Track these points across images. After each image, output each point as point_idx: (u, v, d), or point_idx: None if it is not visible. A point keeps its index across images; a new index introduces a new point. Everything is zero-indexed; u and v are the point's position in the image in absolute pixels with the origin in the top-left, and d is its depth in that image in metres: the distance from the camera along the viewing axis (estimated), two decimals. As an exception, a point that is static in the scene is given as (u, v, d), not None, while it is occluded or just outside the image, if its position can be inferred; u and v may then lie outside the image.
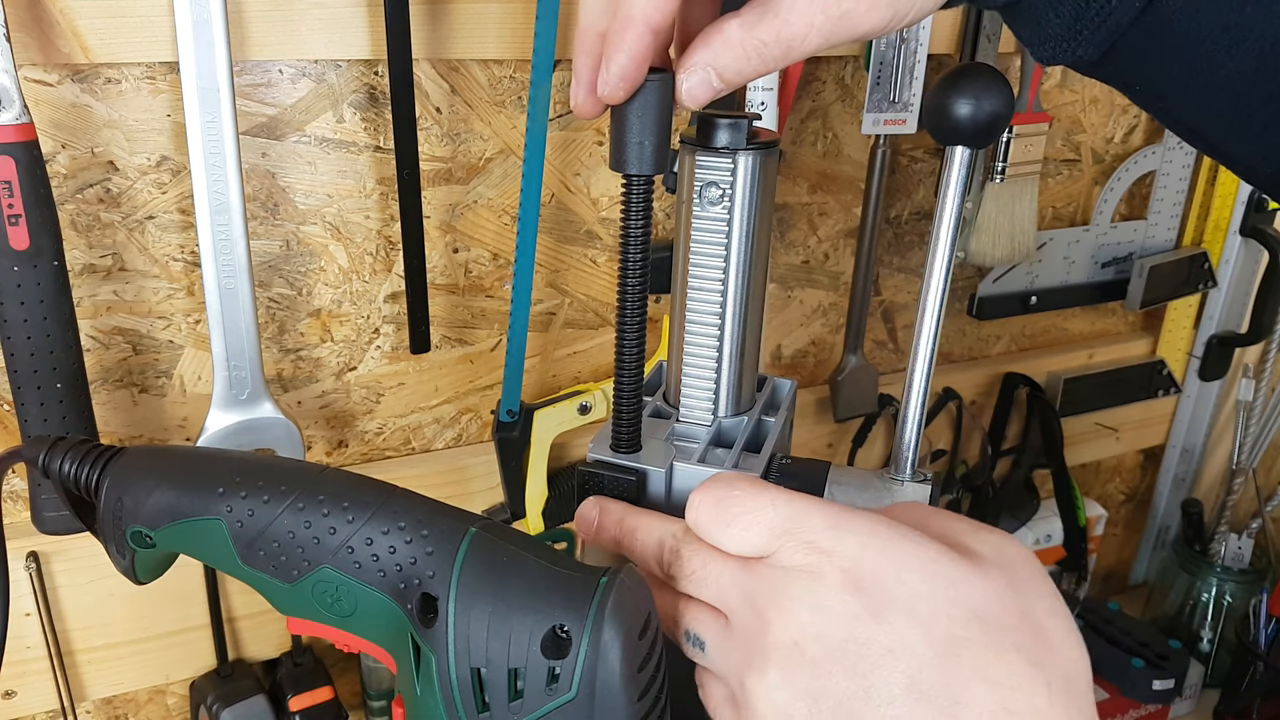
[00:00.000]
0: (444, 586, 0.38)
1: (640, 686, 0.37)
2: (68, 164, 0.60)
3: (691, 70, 0.38)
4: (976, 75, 0.41)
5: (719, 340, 0.50)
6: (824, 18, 0.36)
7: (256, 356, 0.63)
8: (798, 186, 0.85)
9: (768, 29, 0.36)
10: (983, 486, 1.01)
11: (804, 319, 0.91)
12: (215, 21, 0.55)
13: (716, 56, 0.38)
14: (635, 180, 0.42)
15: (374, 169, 0.68)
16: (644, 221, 0.42)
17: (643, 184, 0.42)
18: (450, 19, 0.65)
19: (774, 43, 0.37)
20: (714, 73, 0.38)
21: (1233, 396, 1.15)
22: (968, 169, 0.44)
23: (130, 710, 0.75)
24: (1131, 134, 1.01)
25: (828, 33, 0.36)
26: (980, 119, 0.41)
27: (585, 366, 0.82)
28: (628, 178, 0.42)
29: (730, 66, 0.38)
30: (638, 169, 0.41)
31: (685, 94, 0.39)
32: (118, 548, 0.42)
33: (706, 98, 0.39)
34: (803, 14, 0.36)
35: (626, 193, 0.42)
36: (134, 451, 0.42)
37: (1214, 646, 1.11)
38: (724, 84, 0.38)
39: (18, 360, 0.55)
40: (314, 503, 0.39)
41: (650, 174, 0.41)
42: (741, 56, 0.37)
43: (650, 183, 0.42)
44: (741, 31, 0.37)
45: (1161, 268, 1.02)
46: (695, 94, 0.39)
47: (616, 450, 0.47)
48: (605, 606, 0.37)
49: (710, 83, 0.38)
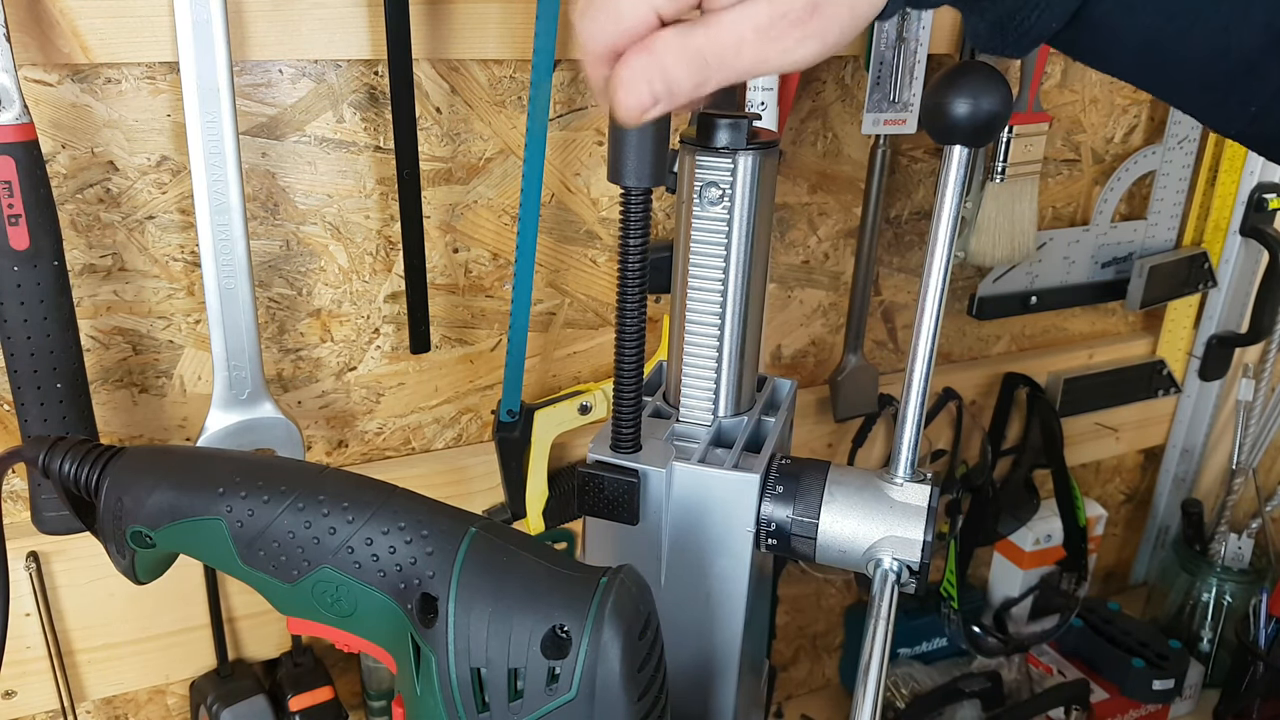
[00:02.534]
0: (444, 586, 0.38)
1: (640, 686, 0.37)
2: (68, 164, 0.60)
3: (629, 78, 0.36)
4: (974, 74, 0.42)
5: (719, 340, 0.50)
6: (753, 34, 0.35)
7: (256, 356, 0.63)
8: (798, 186, 0.85)
9: (701, 35, 0.35)
10: (983, 486, 1.01)
11: (804, 319, 0.91)
12: (215, 21, 0.55)
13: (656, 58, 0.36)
14: (633, 192, 0.42)
15: (374, 169, 0.68)
16: (642, 232, 0.42)
17: (641, 195, 0.42)
18: (450, 19, 0.65)
19: (709, 49, 0.36)
20: (656, 76, 0.36)
21: (1233, 396, 1.15)
22: (966, 168, 0.45)
23: (130, 710, 0.75)
24: (1131, 134, 1.01)
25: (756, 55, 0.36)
26: (979, 118, 0.41)
27: (585, 366, 0.82)
28: (626, 189, 0.42)
29: (669, 70, 0.36)
30: (635, 181, 0.41)
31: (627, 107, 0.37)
32: (118, 548, 0.42)
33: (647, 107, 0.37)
34: (731, 28, 0.35)
35: (625, 204, 0.42)
36: (134, 451, 0.42)
37: (1214, 646, 1.11)
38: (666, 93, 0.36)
39: (18, 360, 0.55)
40: (314, 503, 0.39)
41: (648, 186, 0.41)
42: (679, 60, 0.36)
43: (648, 194, 0.42)
44: (677, 36, 0.36)
45: (1161, 268, 1.01)
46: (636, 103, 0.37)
47: (616, 450, 0.48)
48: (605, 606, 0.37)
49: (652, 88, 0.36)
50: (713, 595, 0.50)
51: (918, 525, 0.47)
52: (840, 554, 0.49)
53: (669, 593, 0.50)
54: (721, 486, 0.48)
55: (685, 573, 0.50)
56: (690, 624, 0.51)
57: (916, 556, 0.47)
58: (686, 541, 0.49)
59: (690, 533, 0.49)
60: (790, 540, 0.49)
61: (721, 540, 0.49)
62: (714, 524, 0.49)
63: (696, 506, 0.48)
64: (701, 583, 0.50)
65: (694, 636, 0.51)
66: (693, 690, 0.52)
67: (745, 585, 0.49)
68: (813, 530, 0.48)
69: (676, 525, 0.49)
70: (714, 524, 0.49)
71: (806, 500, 0.48)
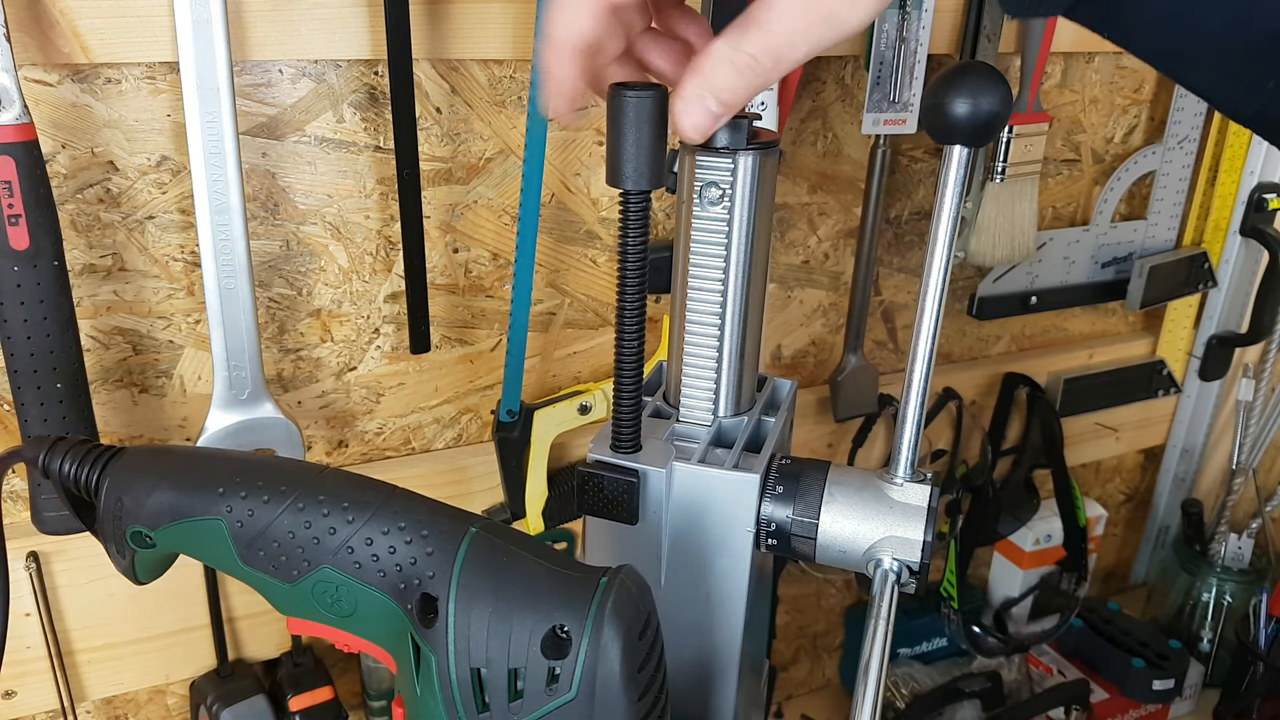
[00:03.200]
0: (444, 587, 0.38)
1: (640, 686, 0.37)
2: (68, 164, 0.60)
3: (688, 101, 0.37)
4: (974, 74, 0.41)
5: (719, 340, 0.50)
6: (806, 21, 0.35)
7: (256, 356, 0.63)
8: (798, 186, 0.85)
9: (753, 42, 0.36)
10: (983, 486, 1.01)
11: (804, 319, 0.91)
12: (215, 21, 0.55)
13: (710, 79, 0.37)
14: (632, 195, 0.42)
15: (374, 169, 0.68)
16: (642, 234, 0.43)
17: (640, 198, 0.42)
18: (450, 19, 0.65)
19: (763, 54, 0.36)
20: (711, 97, 0.37)
21: (1233, 396, 1.15)
22: (966, 168, 0.44)
23: (130, 710, 0.75)
24: (1131, 134, 1.01)
25: (814, 37, 0.36)
26: (978, 118, 0.41)
27: (585, 366, 0.82)
28: (625, 193, 0.42)
29: (726, 86, 0.37)
30: (634, 184, 0.41)
31: (689, 128, 0.38)
32: (118, 548, 0.42)
33: (710, 125, 0.38)
34: (783, 21, 0.35)
35: (624, 207, 0.42)
36: (134, 451, 0.42)
37: (1214, 646, 1.11)
38: (723, 107, 0.37)
39: (18, 360, 0.55)
40: (314, 503, 0.39)
41: (647, 189, 0.41)
42: (734, 73, 0.36)
43: (647, 197, 0.42)
44: (729, 48, 0.36)
45: (1161, 268, 1.01)
46: (698, 124, 0.38)
47: (616, 450, 0.48)
48: (605, 607, 0.37)
49: (709, 109, 0.37)
50: (713, 595, 0.50)
51: (918, 525, 0.47)
52: (840, 554, 0.49)
53: (669, 593, 0.50)
54: (721, 486, 0.48)
55: (685, 573, 0.50)
56: (690, 624, 0.51)
57: (916, 557, 0.47)
58: (686, 541, 0.49)
59: (690, 533, 0.49)
60: (790, 540, 0.49)
61: (721, 540, 0.49)
62: (714, 524, 0.48)
63: (696, 506, 0.48)
64: (701, 583, 0.50)
65: (694, 636, 0.51)
66: (693, 690, 0.52)
67: (745, 585, 0.49)
68: (813, 530, 0.48)
69: (676, 525, 0.49)
70: (714, 524, 0.48)
71: (806, 500, 0.48)
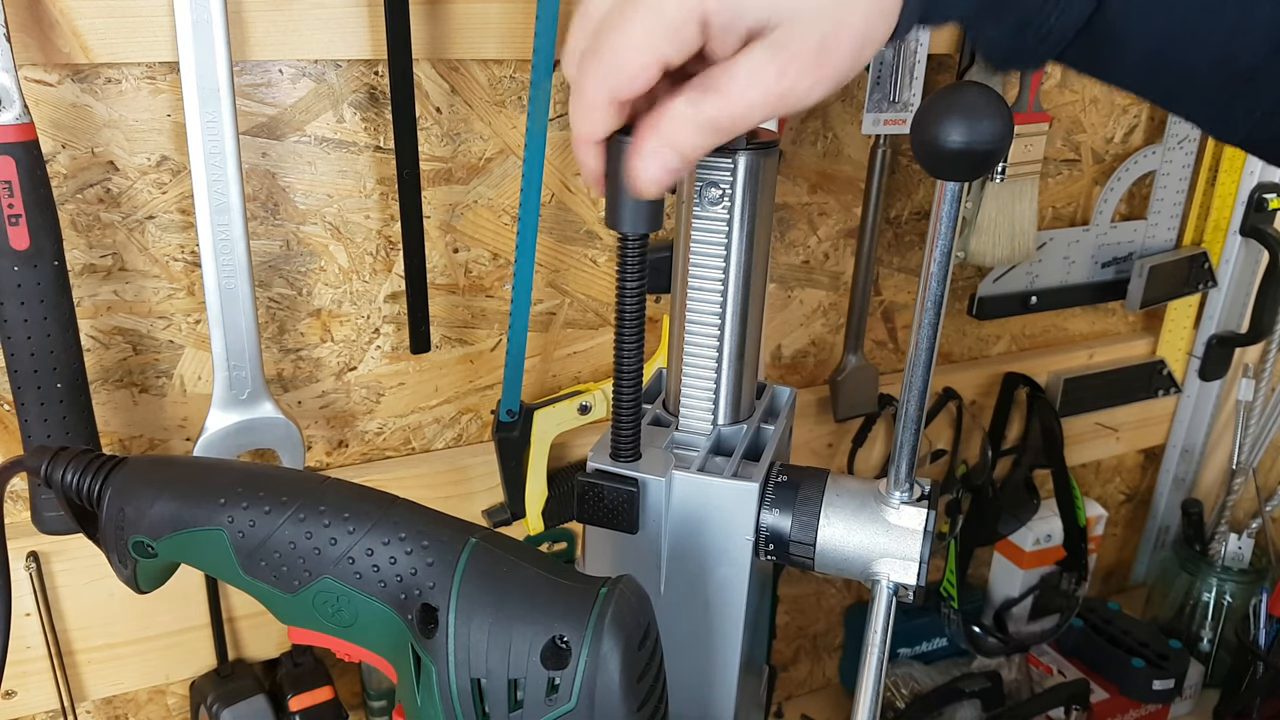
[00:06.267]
0: (444, 597, 0.38)
1: (640, 697, 0.38)
2: (68, 164, 0.60)
3: (645, 156, 0.38)
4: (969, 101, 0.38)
5: (719, 341, 0.50)
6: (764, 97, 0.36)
7: (256, 356, 0.63)
8: (798, 186, 0.84)
9: (713, 105, 0.36)
10: (983, 486, 1.01)
11: (804, 319, 0.91)
12: (215, 21, 0.55)
13: (669, 137, 0.37)
14: (630, 239, 0.42)
15: (374, 169, 0.68)
16: (640, 278, 0.43)
17: (638, 242, 0.42)
18: (450, 19, 0.64)
19: (722, 118, 0.37)
20: (671, 152, 0.37)
21: (1233, 396, 1.15)
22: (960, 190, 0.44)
23: (130, 710, 0.75)
24: (1131, 134, 1.00)
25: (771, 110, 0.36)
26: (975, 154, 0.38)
27: (585, 366, 0.82)
28: (623, 237, 0.42)
29: (686, 144, 0.37)
30: (633, 229, 0.41)
31: (647, 182, 0.38)
32: (120, 557, 0.42)
33: (667, 181, 0.38)
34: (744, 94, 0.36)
35: (622, 250, 0.42)
36: (136, 461, 0.42)
37: (1214, 646, 1.11)
38: (682, 162, 0.38)
39: (18, 360, 0.55)
40: (315, 513, 0.39)
41: (645, 232, 0.41)
42: (694, 132, 0.37)
43: (645, 240, 0.42)
44: (690, 109, 0.37)
45: (1161, 268, 1.01)
46: (656, 178, 0.38)
47: (616, 459, 0.48)
48: (605, 617, 0.37)
49: (668, 164, 0.38)
50: (712, 604, 0.50)
51: (914, 547, 0.47)
52: (838, 567, 0.49)
53: (668, 601, 0.50)
54: (721, 495, 0.48)
55: (685, 581, 0.50)
56: (690, 633, 0.51)
57: (913, 578, 0.47)
58: (686, 550, 0.49)
59: (690, 541, 0.49)
60: (789, 549, 0.49)
61: (721, 549, 0.49)
62: (713, 533, 0.48)
63: (696, 515, 0.48)
64: (701, 591, 0.50)
65: (694, 645, 0.51)
66: (692, 699, 0.52)
67: (745, 594, 0.49)
68: (811, 541, 0.48)
69: (676, 534, 0.49)
70: (713, 533, 0.48)
71: (805, 511, 0.48)
